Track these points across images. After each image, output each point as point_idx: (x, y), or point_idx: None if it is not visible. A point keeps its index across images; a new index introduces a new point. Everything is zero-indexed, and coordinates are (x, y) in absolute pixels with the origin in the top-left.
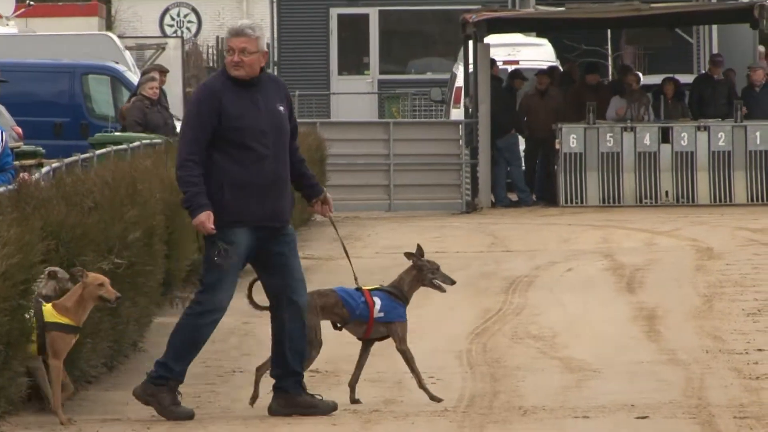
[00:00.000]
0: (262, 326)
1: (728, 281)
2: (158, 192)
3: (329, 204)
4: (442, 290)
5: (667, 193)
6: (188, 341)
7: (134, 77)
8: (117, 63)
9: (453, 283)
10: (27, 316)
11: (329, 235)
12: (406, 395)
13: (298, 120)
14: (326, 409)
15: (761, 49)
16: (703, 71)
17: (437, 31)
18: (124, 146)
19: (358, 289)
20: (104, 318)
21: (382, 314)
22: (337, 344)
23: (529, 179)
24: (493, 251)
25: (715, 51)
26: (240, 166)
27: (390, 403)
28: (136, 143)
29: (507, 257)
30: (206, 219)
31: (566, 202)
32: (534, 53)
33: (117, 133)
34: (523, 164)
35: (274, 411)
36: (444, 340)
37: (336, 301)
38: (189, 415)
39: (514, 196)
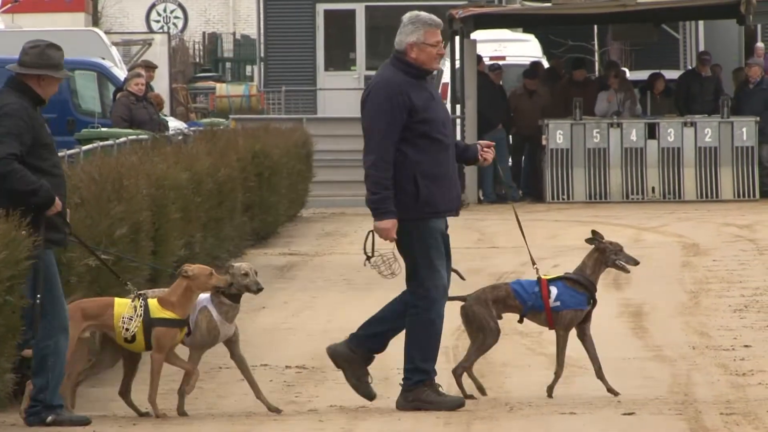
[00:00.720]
0: (249, 322)
1: (715, 277)
2: (145, 188)
3: (488, 145)
4: (626, 271)
5: (653, 189)
6: (428, 338)
7: (121, 73)
8: (103, 59)
9: (637, 263)
10: (133, 313)
11: (315, 231)
12: (392, 392)
13: (284, 116)
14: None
15: (761, 45)
16: (690, 67)
17: None
18: (110, 142)
19: (539, 279)
20: None
21: (558, 303)
22: (323, 340)
23: (516, 175)
24: (480, 247)
25: (701, 47)
26: (430, 158)
27: (376, 399)
28: (123, 139)
29: (493, 253)
30: (392, 226)
31: (553, 198)
32: (520, 49)
33: (104, 129)
34: (511, 160)
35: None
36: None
37: (507, 293)
38: (460, 403)
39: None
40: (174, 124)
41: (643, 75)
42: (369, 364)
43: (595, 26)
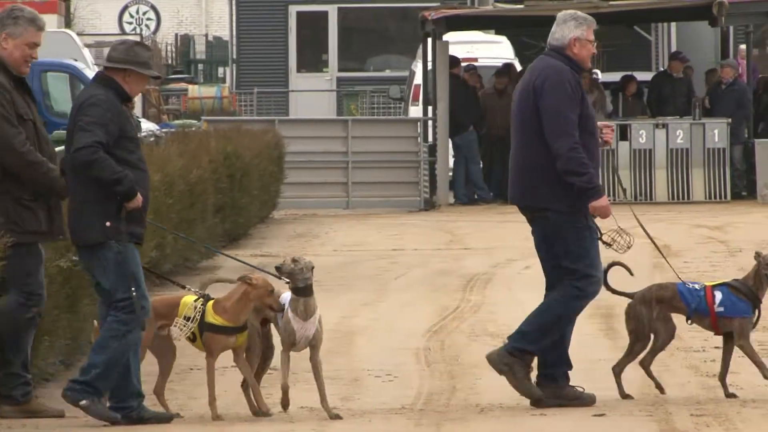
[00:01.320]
0: None
1: (685, 278)
2: None
3: (605, 125)
4: None
5: (624, 190)
6: (555, 322)
7: (93, 75)
8: (76, 60)
9: None
10: (192, 314)
11: (286, 232)
12: (363, 392)
13: (256, 117)
14: (589, 401)
15: (742, 47)
16: (662, 68)
17: (396, 29)
18: None
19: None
20: (61, 316)
21: (722, 309)
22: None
23: (487, 177)
24: (451, 249)
25: (674, 48)
26: (589, 153)
27: (347, 400)
28: None
29: (465, 255)
30: (607, 203)
31: None
32: (492, 51)
33: None
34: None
35: (542, 402)
36: (401, 338)
37: (673, 294)
38: (538, 396)
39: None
40: (146, 125)
41: (615, 77)
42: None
43: None
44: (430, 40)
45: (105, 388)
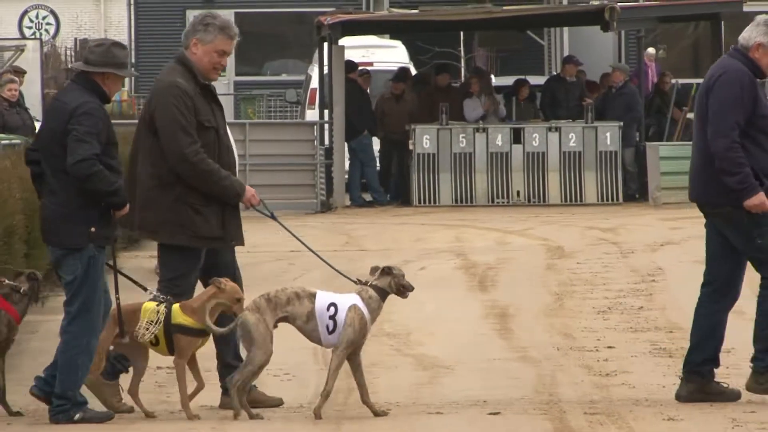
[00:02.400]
0: None
1: (579, 280)
2: (18, 192)
3: None
4: None
5: (518, 192)
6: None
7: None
8: None
9: None
10: (155, 317)
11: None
12: (264, 392)
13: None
14: (733, 397)
15: (650, 51)
16: (555, 73)
17: (292, 34)
18: None
19: None
20: None
21: None
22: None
23: (385, 180)
24: (347, 250)
25: (567, 53)
26: (765, 154)
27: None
28: None
29: (361, 256)
30: (764, 199)
31: (419, 202)
32: (388, 55)
33: None
34: (379, 164)
35: (683, 398)
36: (301, 338)
37: None
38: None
39: (368, 196)
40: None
41: (508, 81)
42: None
43: (462, 33)
44: (326, 44)
45: (76, 391)
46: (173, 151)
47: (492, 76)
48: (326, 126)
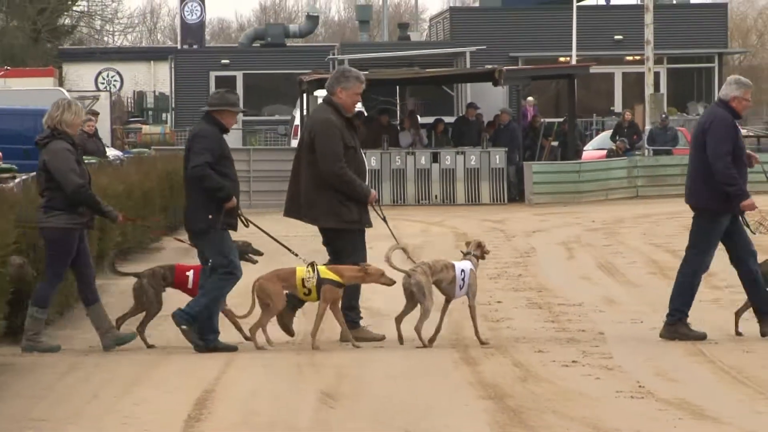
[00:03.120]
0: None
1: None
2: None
3: (752, 155)
4: None
5: (436, 196)
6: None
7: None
8: None
9: None
10: (309, 274)
11: None
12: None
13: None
14: (700, 336)
15: (530, 99)
16: (461, 114)
17: (283, 87)
18: None
19: None
20: None
21: None
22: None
23: None
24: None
25: (469, 100)
26: (739, 171)
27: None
28: None
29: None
30: (753, 201)
31: None
32: None
33: None
34: None
35: (665, 336)
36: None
37: None
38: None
39: None
40: (113, 152)
41: (429, 120)
42: None
43: (397, 87)
44: (305, 95)
45: (198, 320)
46: (326, 167)
47: (418, 117)
48: None
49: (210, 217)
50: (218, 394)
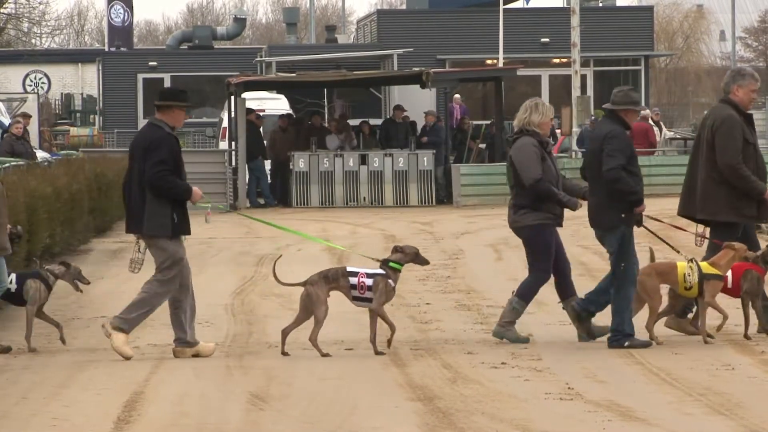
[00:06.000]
0: (93, 287)
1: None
2: (22, 197)
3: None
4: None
5: (364, 198)
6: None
7: (5, 120)
8: None
9: None
10: (691, 270)
11: None
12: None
13: (117, 149)
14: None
15: (457, 96)
16: (389, 116)
17: (210, 89)
18: None
19: None
20: None
21: None
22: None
23: (273, 189)
24: (248, 237)
25: (397, 102)
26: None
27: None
28: (7, 165)
29: (257, 241)
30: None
31: (297, 204)
32: (275, 105)
33: None
34: (269, 179)
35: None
36: (215, 297)
37: None
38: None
39: (262, 200)
40: (42, 155)
41: (357, 121)
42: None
43: (325, 89)
44: (233, 97)
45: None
46: (724, 160)
47: (348, 121)
48: (233, 153)
49: (622, 216)
50: (147, 396)
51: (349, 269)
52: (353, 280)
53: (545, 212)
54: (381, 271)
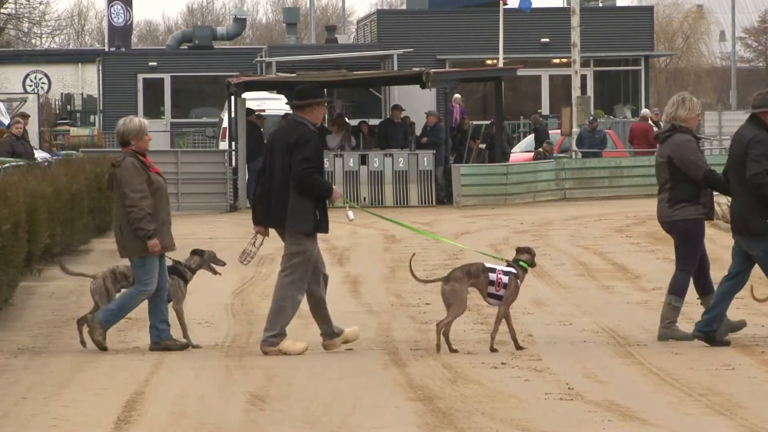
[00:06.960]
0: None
1: (406, 258)
2: (22, 197)
3: None
4: None
5: (365, 198)
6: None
7: (5, 120)
8: None
9: None
10: None
11: None
12: (189, 335)
13: (116, 149)
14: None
15: (457, 96)
16: (388, 116)
17: (210, 90)
18: None
19: None
20: None
21: None
22: None
23: None
24: (248, 237)
25: (396, 102)
26: None
27: (178, 339)
28: (7, 165)
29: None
30: None
31: None
32: (275, 105)
33: None
34: None
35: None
36: (215, 297)
37: None
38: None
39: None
40: (41, 155)
41: (356, 122)
42: None
43: (325, 89)
44: (233, 97)
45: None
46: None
47: (346, 120)
48: (233, 153)
49: None
50: (147, 396)
51: (488, 265)
52: (492, 276)
53: (702, 206)
54: (513, 270)
